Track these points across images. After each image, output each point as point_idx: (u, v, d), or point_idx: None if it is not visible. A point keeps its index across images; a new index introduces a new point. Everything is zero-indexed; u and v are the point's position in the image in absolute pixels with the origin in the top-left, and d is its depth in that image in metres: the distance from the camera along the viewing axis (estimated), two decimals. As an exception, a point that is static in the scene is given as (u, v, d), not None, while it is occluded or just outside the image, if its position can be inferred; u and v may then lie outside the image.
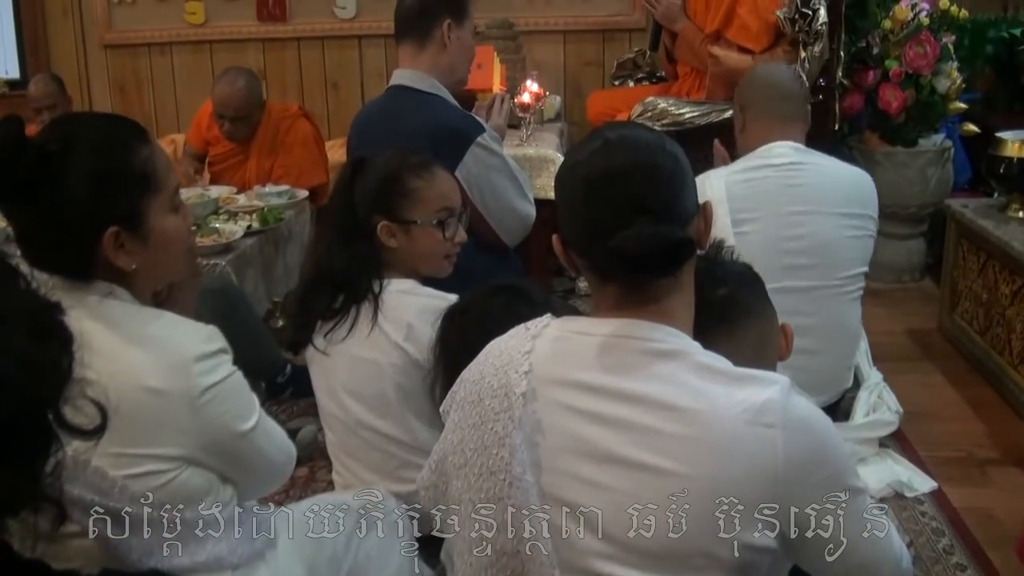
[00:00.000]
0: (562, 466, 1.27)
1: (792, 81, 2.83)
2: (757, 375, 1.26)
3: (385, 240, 2.21)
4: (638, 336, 1.28)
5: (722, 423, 1.20)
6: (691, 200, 1.35)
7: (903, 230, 4.56)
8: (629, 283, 1.30)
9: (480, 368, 1.40)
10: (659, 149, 1.32)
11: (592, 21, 5.18)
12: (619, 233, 1.23)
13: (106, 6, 5.38)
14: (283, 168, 4.21)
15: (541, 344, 1.35)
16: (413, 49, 2.82)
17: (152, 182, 1.56)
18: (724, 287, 1.68)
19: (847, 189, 2.66)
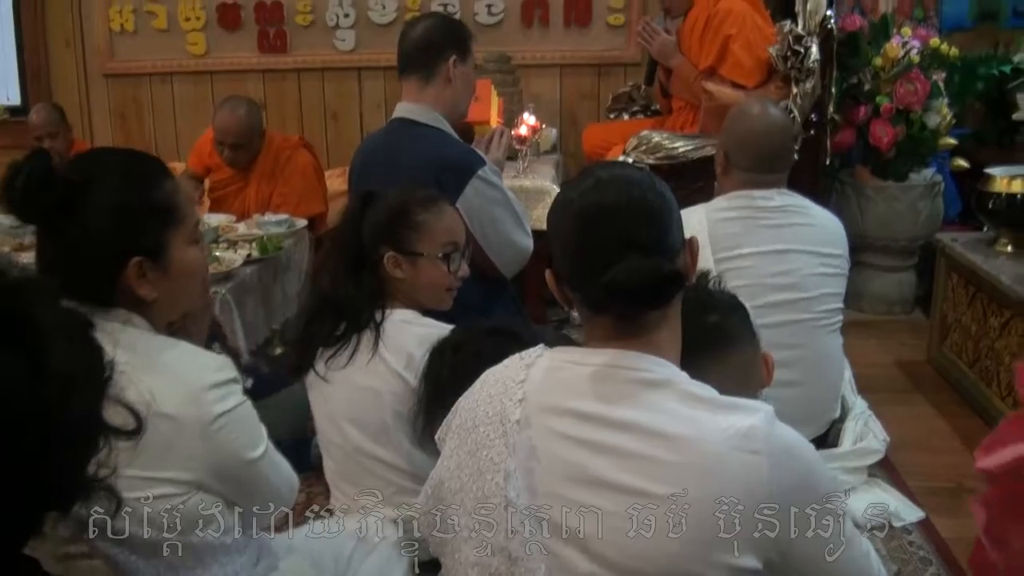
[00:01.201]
0: (556, 491, 1.32)
1: (783, 136, 2.81)
2: (741, 403, 1.31)
3: (391, 271, 2.26)
4: (628, 366, 1.34)
5: (709, 449, 1.26)
6: (678, 235, 1.41)
7: (894, 263, 4.62)
8: (620, 315, 1.36)
9: (476, 396, 1.46)
10: (648, 187, 1.39)
11: (588, 55, 5.26)
12: (612, 267, 1.29)
13: (107, 36, 5.46)
14: (282, 196, 4.26)
15: (535, 373, 1.41)
16: (418, 83, 2.88)
17: (174, 215, 1.62)
18: (714, 315, 1.75)
19: (824, 232, 2.75)
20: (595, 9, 5.21)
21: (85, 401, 1.01)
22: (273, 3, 5.33)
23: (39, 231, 1.62)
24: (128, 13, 5.41)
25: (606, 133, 4.63)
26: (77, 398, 0.98)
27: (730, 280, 2.48)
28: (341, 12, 5.30)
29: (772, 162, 2.74)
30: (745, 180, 2.73)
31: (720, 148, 2.83)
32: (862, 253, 4.64)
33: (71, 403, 0.97)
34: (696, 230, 2.64)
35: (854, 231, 4.59)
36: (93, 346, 1.06)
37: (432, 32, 2.89)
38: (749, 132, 2.76)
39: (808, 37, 3.95)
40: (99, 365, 1.05)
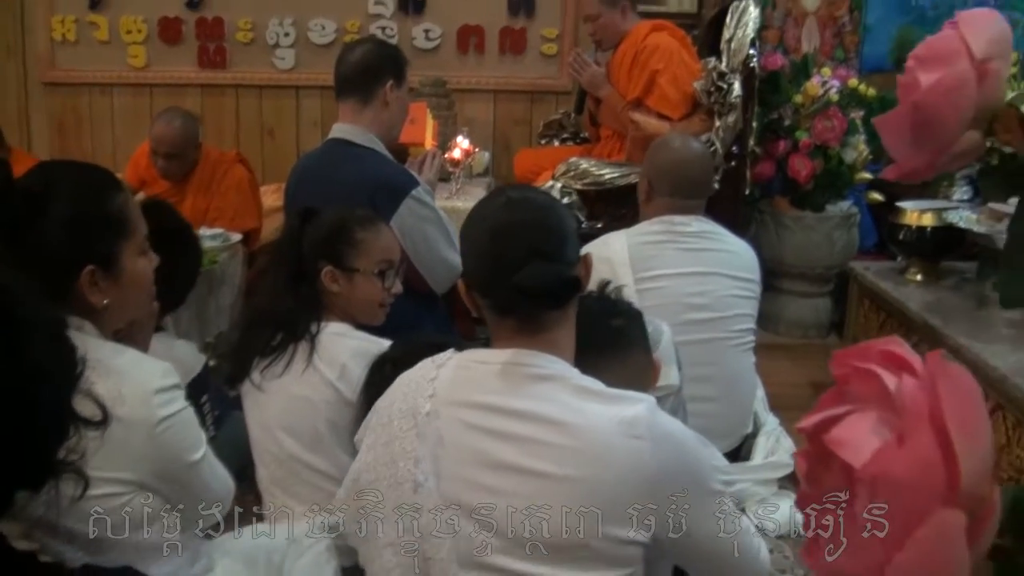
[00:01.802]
0: (461, 474, 1.48)
1: (702, 165, 2.96)
2: (626, 394, 1.49)
3: (328, 285, 2.35)
4: (526, 363, 1.51)
5: (597, 435, 1.43)
6: (575, 251, 1.60)
7: (810, 289, 4.81)
8: (523, 317, 1.53)
9: (391, 396, 1.62)
10: (551, 208, 1.60)
11: (521, 82, 5.40)
12: (519, 271, 1.47)
13: (49, 45, 5.46)
14: (218, 211, 4.30)
15: (445, 372, 1.57)
16: (355, 106, 2.98)
17: (126, 227, 1.71)
18: (619, 319, 1.93)
19: (738, 258, 2.89)
20: (529, 38, 5.35)
21: (57, 391, 1.10)
22: (214, 19, 5.38)
23: None
24: (71, 23, 5.42)
25: (537, 158, 4.76)
26: (50, 388, 1.08)
27: (649, 299, 2.66)
28: (281, 31, 5.38)
29: (692, 189, 2.89)
30: (667, 205, 2.86)
31: (643, 177, 2.95)
32: (780, 279, 4.83)
33: (44, 392, 1.07)
34: (618, 251, 2.79)
35: (773, 258, 4.79)
36: (68, 343, 1.15)
37: (370, 57, 3.00)
38: (671, 161, 2.90)
39: (731, 74, 4.12)
40: (72, 360, 1.14)
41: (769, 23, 4.90)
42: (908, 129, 0.59)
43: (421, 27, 5.35)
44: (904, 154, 0.62)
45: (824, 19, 4.96)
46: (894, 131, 0.60)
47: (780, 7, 4.93)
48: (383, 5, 5.34)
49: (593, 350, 1.68)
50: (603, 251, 2.78)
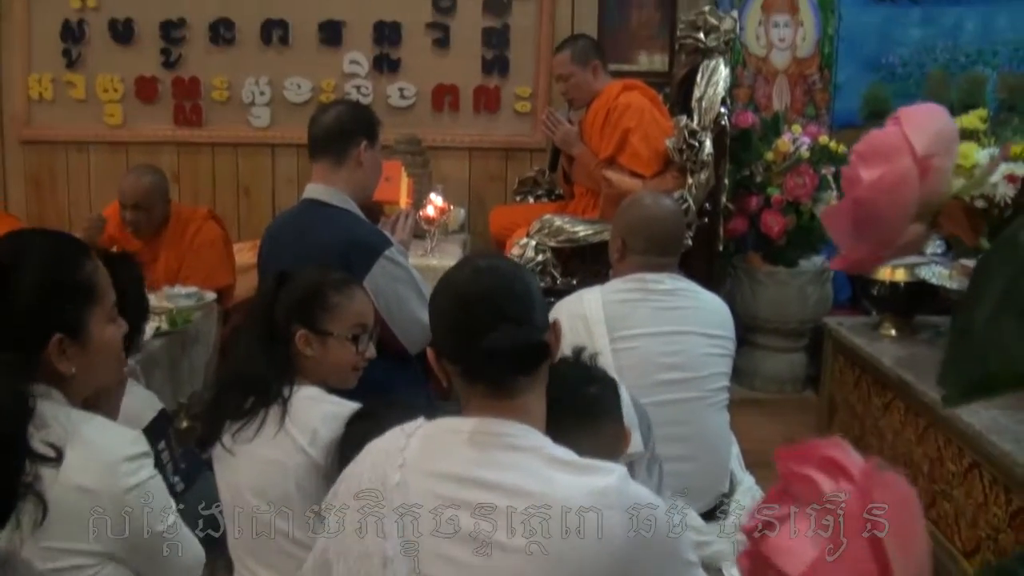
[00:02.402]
0: (430, 547, 1.46)
1: (675, 222, 2.98)
2: (598, 465, 1.48)
3: (302, 348, 2.34)
4: (497, 432, 1.50)
5: (569, 504, 1.41)
6: (544, 316, 1.61)
7: (785, 344, 4.84)
8: (493, 382, 1.53)
9: (360, 465, 1.60)
10: (518, 276, 1.61)
11: (496, 140, 5.45)
12: (489, 335, 1.47)
13: (26, 103, 5.48)
14: (191, 268, 4.28)
15: (414, 441, 1.56)
16: (329, 166, 3.00)
17: (94, 294, 1.71)
18: (594, 386, 1.93)
19: (712, 315, 2.88)
20: (503, 97, 5.42)
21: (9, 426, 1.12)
22: (190, 79, 5.42)
23: None
24: (48, 82, 5.45)
25: (511, 215, 4.79)
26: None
27: (623, 359, 2.66)
28: (257, 90, 5.42)
29: (666, 245, 2.89)
30: (641, 263, 2.87)
31: (616, 236, 2.95)
32: (755, 334, 4.86)
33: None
34: (593, 310, 2.79)
35: (747, 313, 4.82)
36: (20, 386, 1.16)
37: (344, 118, 3.03)
38: (644, 219, 2.91)
39: (702, 132, 4.17)
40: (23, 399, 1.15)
41: (740, 81, 4.97)
42: (850, 223, 0.61)
43: (396, 86, 5.40)
44: (848, 246, 0.63)
45: (794, 77, 5.03)
46: (837, 224, 0.62)
47: (751, 66, 5.01)
48: (358, 64, 5.40)
49: (568, 418, 1.68)
50: (578, 308, 2.78)
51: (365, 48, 5.41)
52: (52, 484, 1.53)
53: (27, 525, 1.52)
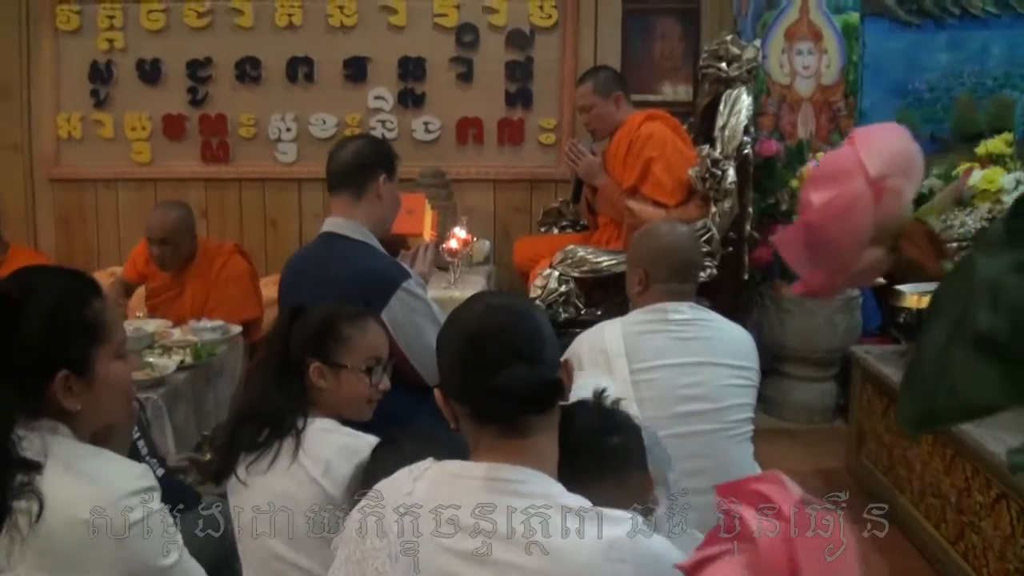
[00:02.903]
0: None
1: (694, 248, 2.96)
2: (611, 514, 1.42)
3: (316, 380, 2.34)
4: (505, 478, 1.45)
5: (579, 558, 1.36)
6: (555, 355, 1.56)
7: (813, 373, 4.78)
8: (504, 423, 1.49)
9: (366, 508, 1.56)
10: (530, 315, 1.56)
11: (520, 171, 5.48)
12: (499, 374, 1.43)
13: (55, 142, 5.57)
14: (216, 302, 4.34)
15: (421, 486, 1.51)
16: (349, 200, 3.01)
17: (101, 332, 1.71)
18: (616, 436, 1.83)
19: (734, 345, 2.82)
20: (527, 129, 5.45)
21: None
22: (217, 116, 5.49)
23: None
24: (76, 121, 5.54)
25: (535, 246, 4.78)
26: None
27: (644, 391, 2.62)
28: (283, 126, 5.48)
29: (687, 272, 2.86)
30: (663, 291, 2.83)
31: (636, 267, 2.90)
32: (783, 363, 4.81)
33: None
34: (613, 342, 2.76)
35: (775, 343, 4.77)
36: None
37: (362, 152, 3.04)
38: (664, 247, 2.88)
39: (725, 160, 4.15)
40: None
41: (764, 109, 4.95)
42: (803, 248, 0.59)
43: (421, 120, 5.44)
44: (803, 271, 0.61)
45: (819, 104, 5.00)
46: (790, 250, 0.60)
47: (775, 93, 4.99)
48: (383, 99, 5.45)
49: (591, 469, 1.62)
50: (599, 341, 2.76)
51: (390, 83, 5.46)
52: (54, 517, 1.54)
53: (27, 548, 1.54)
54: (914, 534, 3.49)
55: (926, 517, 3.42)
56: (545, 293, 4.21)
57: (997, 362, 0.49)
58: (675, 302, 2.82)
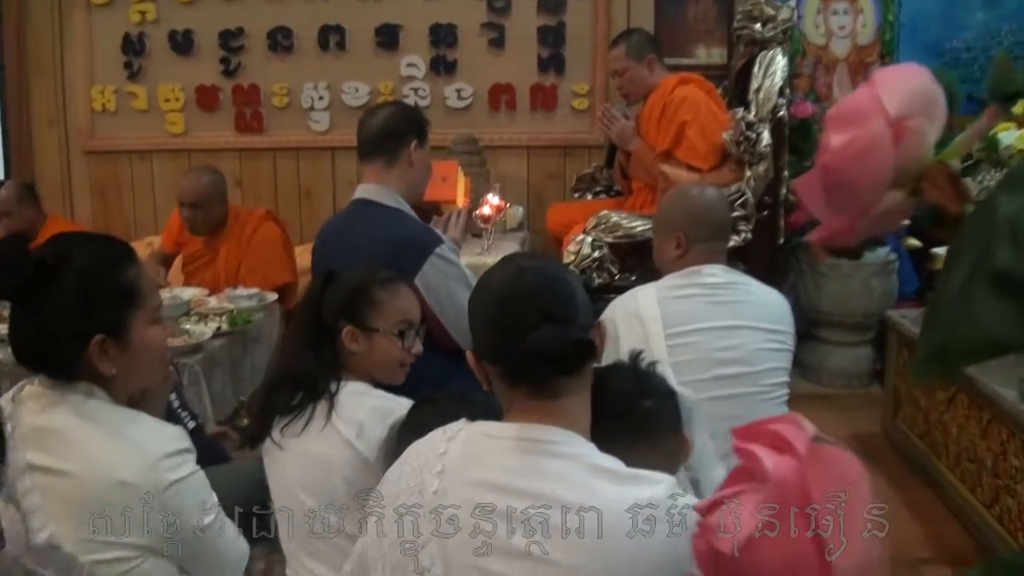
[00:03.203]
0: (467, 559, 1.41)
1: (726, 207, 2.94)
2: (645, 475, 1.41)
3: (348, 344, 2.36)
4: (538, 439, 1.44)
5: (611, 518, 1.35)
6: (588, 317, 1.55)
7: (850, 338, 4.75)
8: (536, 384, 1.48)
9: (400, 468, 1.56)
10: (561, 277, 1.55)
11: (554, 137, 5.44)
12: (531, 334, 1.42)
13: (89, 115, 5.62)
14: (249, 267, 4.39)
15: (454, 446, 1.50)
16: (381, 167, 3.02)
17: (136, 298, 1.74)
18: (650, 399, 1.81)
19: (769, 308, 2.79)
20: (560, 94, 5.41)
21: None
22: (250, 86, 5.51)
23: (13, 305, 1.74)
24: (110, 94, 5.58)
25: (569, 212, 4.77)
26: None
27: (679, 355, 2.61)
28: (316, 95, 5.48)
29: (725, 230, 2.86)
30: (705, 251, 2.80)
31: (672, 233, 2.85)
32: (819, 328, 4.78)
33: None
34: (648, 307, 2.75)
35: (811, 307, 4.74)
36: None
37: (394, 119, 3.04)
38: (700, 207, 2.85)
39: (760, 123, 4.11)
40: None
41: (800, 71, 4.89)
42: (822, 192, 0.58)
43: (453, 87, 5.42)
44: (823, 217, 0.60)
45: (855, 65, 4.94)
46: (810, 194, 0.59)
47: (810, 55, 4.93)
48: (415, 67, 5.43)
49: (624, 433, 1.59)
50: (633, 306, 2.74)
51: (422, 50, 5.44)
52: (93, 479, 1.58)
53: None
54: (949, 498, 3.47)
55: (962, 481, 3.40)
56: (579, 259, 4.20)
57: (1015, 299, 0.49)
58: (710, 265, 2.81)
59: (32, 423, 1.68)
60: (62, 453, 1.65)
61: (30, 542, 1.62)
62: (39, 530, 1.62)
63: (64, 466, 1.64)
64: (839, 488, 0.52)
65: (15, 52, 5.60)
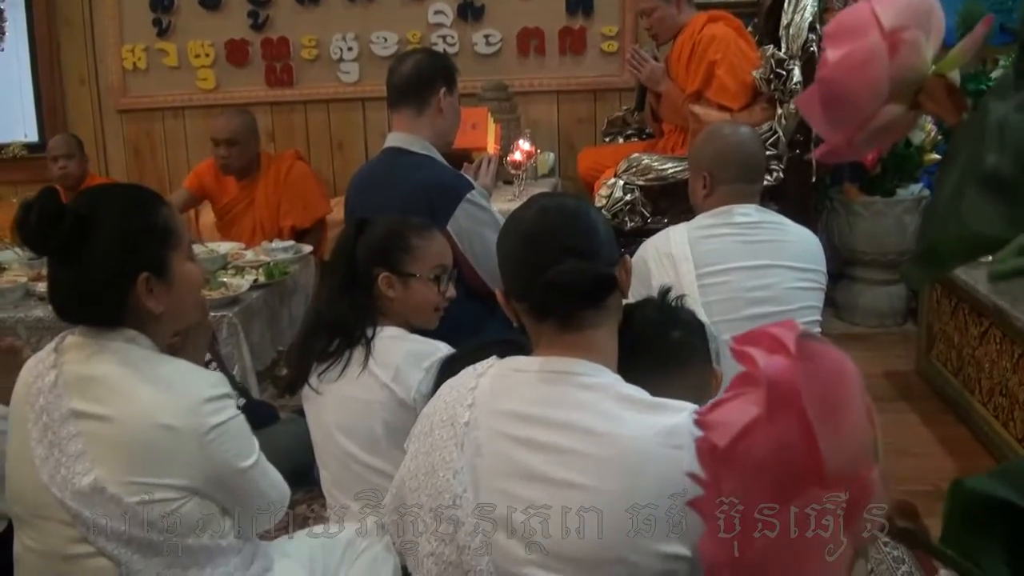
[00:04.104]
0: (497, 485, 1.45)
1: (758, 147, 2.92)
2: (669, 403, 1.44)
3: (385, 290, 2.40)
4: (565, 371, 1.48)
5: (635, 444, 1.39)
6: (611, 252, 1.58)
7: (883, 276, 4.73)
8: (562, 317, 1.51)
9: (434, 404, 1.61)
10: (585, 213, 1.59)
11: (584, 81, 5.42)
12: (552, 268, 1.46)
13: (121, 74, 5.66)
14: (289, 203, 4.59)
15: (484, 381, 1.55)
16: (411, 114, 3.04)
17: (173, 235, 1.79)
18: (678, 331, 1.84)
19: (801, 247, 2.78)
20: (589, 38, 5.37)
21: None
22: (279, 39, 5.52)
23: (51, 261, 1.78)
24: (140, 52, 5.61)
25: (599, 156, 4.76)
26: None
27: (711, 295, 2.62)
28: (345, 46, 5.49)
29: (754, 172, 2.83)
30: (730, 193, 2.80)
31: (701, 171, 2.85)
32: (853, 267, 4.76)
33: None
34: (679, 246, 2.76)
35: (844, 246, 4.72)
36: None
37: (422, 66, 3.06)
38: (728, 147, 2.84)
39: (790, 60, 4.08)
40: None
41: (830, 5, 4.82)
42: (820, 107, 0.59)
43: (481, 33, 5.40)
44: (825, 133, 0.62)
45: None
46: (810, 109, 0.60)
47: (841, -10, 4.86)
48: (443, 14, 5.42)
49: (651, 364, 1.62)
50: (664, 246, 2.75)
51: (449, -3, 5.43)
52: (136, 422, 1.63)
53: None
54: (982, 433, 3.48)
55: (995, 416, 3.40)
56: (610, 203, 4.21)
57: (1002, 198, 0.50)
58: (741, 204, 2.80)
59: (76, 371, 1.73)
60: (105, 399, 1.70)
61: (75, 486, 1.67)
62: (84, 474, 1.67)
63: (108, 412, 1.69)
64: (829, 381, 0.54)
65: (44, 12, 5.65)
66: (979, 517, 0.66)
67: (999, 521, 0.65)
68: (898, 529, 0.62)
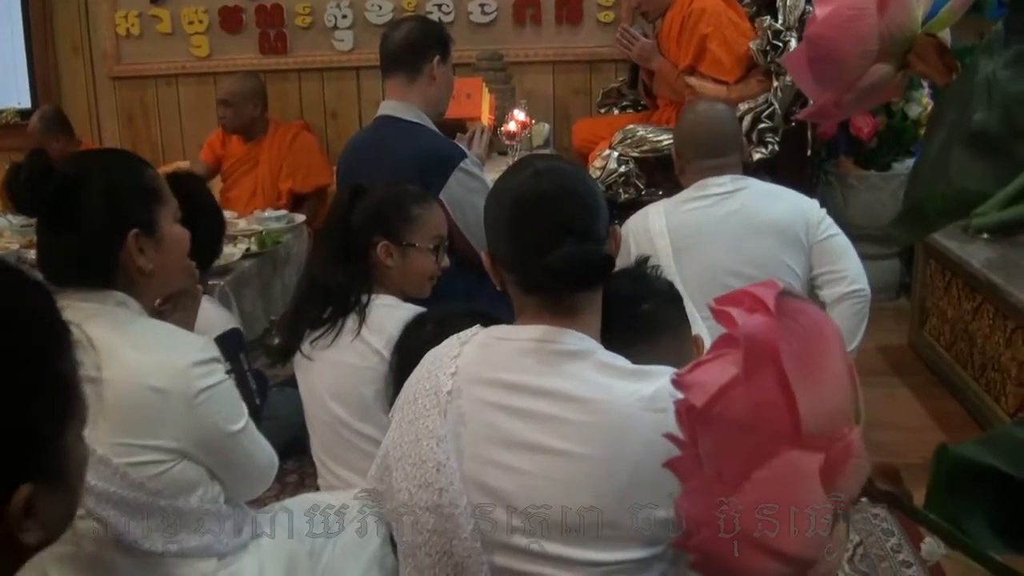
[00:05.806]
0: (481, 453, 1.45)
1: (723, 121, 2.90)
2: (651, 369, 1.44)
3: (383, 259, 2.40)
4: (550, 339, 1.46)
5: (619, 410, 1.38)
6: (605, 224, 1.55)
7: (878, 250, 4.71)
8: (551, 297, 1.49)
9: (418, 373, 1.60)
10: (579, 179, 1.54)
11: (579, 52, 5.36)
12: (549, 252, 1.42)
13: (114, 40, 5.60)
14: (291, 168, 4.82)
15: (468, 349, 1.53)
16: (403, 82, 3.02)
17: (160, 195, 1.81)
18: (647, 303, 1.81)
19: (781, 209, 2.78)
20: (585, 7, 5.31)
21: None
22: (273, 6, 5.46)
23: (40, 224, 1.79)
24: (133, 18, 5.55)
25: (595, 127, 4.73)
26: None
27: (689, 268, 2.62)
28: (339, 13, 5.43)
29: (716, 146, 2.82)
30: (699, 169, 2.81)
31: (674, 152, 2.94)
32: (847, 241, 4.75)
33: None
34: (656, 222, 2.76)
35: (839, 219, 4.65)
36: None
37: (415, 34, 3.04)
38: (691, 124, 2.90)
39: (787, 32, 4.06)
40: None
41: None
42: (807, 65, 0.59)
43: (477, 1, 5.34)
44: (811, 92, 0.61)
45: (886, -28, 4.83)
46: (798, 68, 0.59)
47: (840, -38, 4.82)
48: (438, -19, 5.37)
49: (625, 335, 1.59)
50: (642, 223, 2.77)
51: (445, -36, 5.37)
52: (124, 385, 1.63)
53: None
54: (974, 408, 3.48)
55: (986, 391, 3.41)
56: (604, 174, 4.19)
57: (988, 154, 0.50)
58: (716, 176, 2.79)
59: (66, 334, 1.73)
60: (95, 361, 1.70)
61: (63, 447, 1.67)
62: None
63: (96, 374, 1.69)
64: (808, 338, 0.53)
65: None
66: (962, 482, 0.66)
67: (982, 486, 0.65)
68: (879, 491, 0.62)
